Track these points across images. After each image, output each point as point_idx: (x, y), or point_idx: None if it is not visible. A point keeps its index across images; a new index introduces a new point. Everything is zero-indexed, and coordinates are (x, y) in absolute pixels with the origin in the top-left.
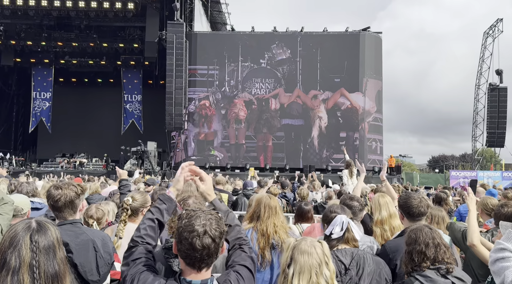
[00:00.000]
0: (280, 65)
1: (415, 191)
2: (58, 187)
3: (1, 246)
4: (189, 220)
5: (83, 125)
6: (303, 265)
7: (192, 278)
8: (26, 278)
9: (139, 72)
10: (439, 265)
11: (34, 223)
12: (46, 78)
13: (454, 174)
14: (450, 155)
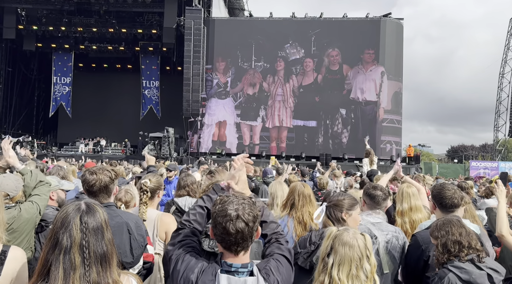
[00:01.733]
0: (294, 65)
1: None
2: (93, 172)
3: (54, 226)
4: (222, 205)
5: (102, 110)
6: (343, 257)
7: (232, 261)
8: (77, 258)
9: (157, 58)
10: (472, 253)
11: (83, 205)
12: (66, 63)
13: (475, 165)
14: (470, 145)
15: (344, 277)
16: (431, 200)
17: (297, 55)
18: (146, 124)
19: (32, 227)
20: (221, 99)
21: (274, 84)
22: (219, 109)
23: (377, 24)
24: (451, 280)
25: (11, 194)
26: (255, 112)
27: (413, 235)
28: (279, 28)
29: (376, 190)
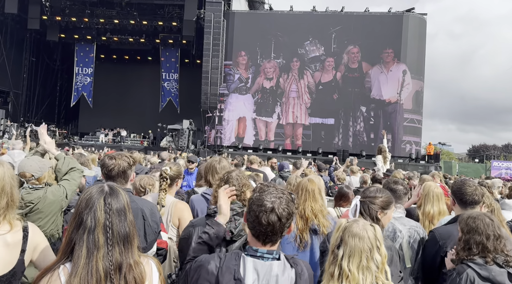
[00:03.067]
0: (313, 62)
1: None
2: (112, 157)
3: (78, 207)
4: (260, 194)
5: (123, 101)
6: (353, 248)
7: (258, 248)
8: (100, 237)
9: (177, 50)
10: (497, 255)
11: (106, 187)
12: (88, 54)
13: (496, 165)
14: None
15: (355, 268)
16: (451, 195)
17: (317, 52)
18: (165, 116)
19: (58, 209)
20: (242, 95)
21: (289, 81)
22: (239, 105)
23: (399, 19)
24: (470, 276)
25: (36, 174)
26: (271, 109)
27: (431, 231)
28: (299, 23)
29: (397, 184)
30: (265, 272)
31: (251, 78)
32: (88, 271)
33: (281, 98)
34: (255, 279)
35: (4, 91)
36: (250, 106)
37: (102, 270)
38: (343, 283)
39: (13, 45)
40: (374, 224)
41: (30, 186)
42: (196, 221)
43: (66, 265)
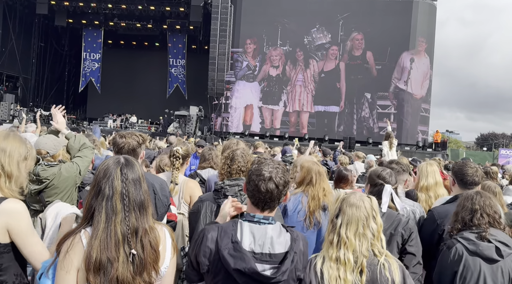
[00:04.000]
0: (319, 50)
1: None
2: (123, 136)
3: (96, 177)
4: (258, 165)
5: (130, 87)
6: (351, 217)
7: (256, 214)
8: (118, 204)
9: (184, 36)
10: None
11: (122, 159)
12: (96, 39)
13: (504, 153)
14: (501, 133)
15: (352, 235)
16: (451, 176)
17: (324, 39)
18: (172, 103)
19: (72, 185)
20: (249, 82)
21: (295, 70)
22: (246, 92)
23: (409, 5)
24: (459, 250)
25: (50, 152)
26: (277, 97)
27: (430, 210)
28: (307, 10)
29: (392, 164)
30: (260, 234)
31: (258, 66)
32: (108, 234)
33: (286, 86)
34: (251, 241)
35: (13, 76)
36: (256, 94)
37: (120, 233)
38: (341, 249)
39: (22, 30)
40: (371, 196)
41: (45, 163)
42: (204, 196)
43: (87, 229)
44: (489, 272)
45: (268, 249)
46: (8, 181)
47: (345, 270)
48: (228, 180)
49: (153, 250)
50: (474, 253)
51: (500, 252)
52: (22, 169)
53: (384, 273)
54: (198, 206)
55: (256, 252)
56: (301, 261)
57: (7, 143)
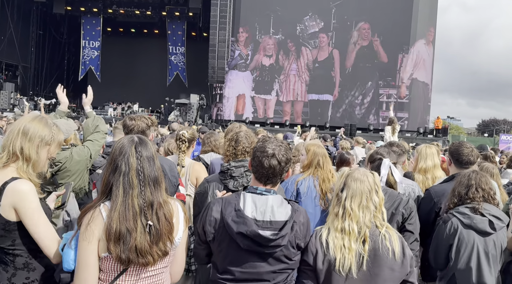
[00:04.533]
0: (312, 38)
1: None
2: (132, 118)
3: (113, 155)
4: (263, 143)
5: (130, 75)
6: (355, 190)
7: (259, 186)
8: (134, 179)
9: (183, 23)
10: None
11: (136, 138)
12: (95, 27)
13: (504, 138)
14: (502, 119)
15: (356, 207)
16: (448, 156)
17: (316, 28)
18: (172, 90)
19: (83, 168)
20: (241, 72)
21: (288, 60)
22: (239, 82)
23: None
24: (454, 224)
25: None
26: (269, 86)
27: (427, 189)
28: (294, 13)
29: (393, 146)
30: (262, 203)
31: (250, 55)
32: (126, 207)
33: (279, 75)
34: (253, 209)
35: (12, 65)
36: (249, 84)
37: (137, 206)
38: (346, 220)
39: (20, 18)
40: (373, 171)
41: None
42: (210, 178)
43: (106, 203)
44: (482, 244)
45: (269, 216)
46: (26, 164)
47: (350, 239)
48: (234, 161)
49: (167, 222)
50: (469, 226)
51: (493, 225)
52: (42, 154)
53: (385, 243)
54: (205, 187)
55: (257, 219)
56: (301, 231)
57: (30, 126)
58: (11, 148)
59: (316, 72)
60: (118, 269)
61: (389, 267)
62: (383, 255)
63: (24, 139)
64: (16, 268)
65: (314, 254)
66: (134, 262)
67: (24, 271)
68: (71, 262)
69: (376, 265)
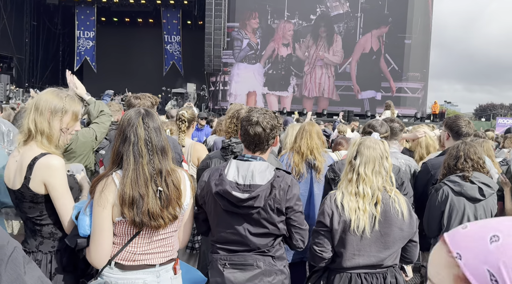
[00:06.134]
0: (336, 22)
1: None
2: (137, 97)
3: (121, 126)
4: (248, 113)
5: (126, 65)
6: (368, 157)
7: (247, 154)
8: (143, 149)
9: (178, 11)
10: (459, 173)
11: (142, 110)
12: (89, 17)
13: (501, 122)
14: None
15: (370, 172)
16: (445, 129)
17: (340, 9)
18: (169, 80)
19: (89, 149)
20: (251, 64)
21: (315, 47)
22: (248, 76)
23: None
24: (445, 191)
25: None
26: (285, 81)
27: (424, 162)
28: None
29: (394, 122)
30: (244, 168)
31: (260, 43)
32: (137, 174)
33: (299, 68)
34: (236, 174)
35: (7, 56)
36: (260, 78)
37: (147, 173)
38: (360, 185)
39: (13, 9)
40: (383, 139)
41: None
42: (212, 154)
43: (118, 171)
44: (472, 210)
45: (249, 180)
46: (41, 137)
47: (364, 202)
48: (235, 138)
49: (175, 188)
50: (459, 193)
51: (483, 192)
52: (54, 125)
53: (394, 206)
54: (207, 163)
55: (239, 183)
56: (281, 195)
57: (40, 99)
58: (27, 124)
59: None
60: (131, 233)
61: (399, 227)
62: (393, 216)
63: (36, 113)
64: (44, 237)
65: (330, 216)
66: (147, 225)
67: (50, 240)
68: (87, 227)
69: (387, 225)
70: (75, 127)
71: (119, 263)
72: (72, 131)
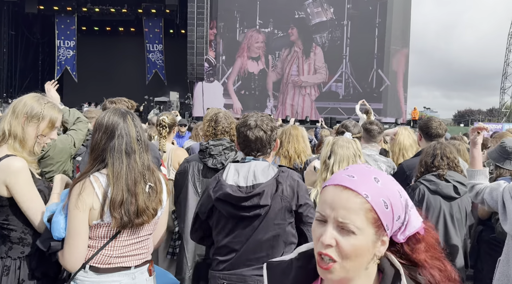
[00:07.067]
0: (318, 31)
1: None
2: (112, 102)
3: (106, 125)
4: (244, 118)
5: (108, 75)
6: (342, 155)
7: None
8: (135, 145)
9: (160, 20)
10: (435, 170)
11: (123, 109)
12: (69, 26)
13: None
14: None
15: None
16: (418, 131)
17: (324, 16)
18: (152, 89)
19: (67, 156)
20: (209, 83)
21: (288, 61)
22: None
23: None
24: (421, 190)
25: None
26: (261, 104)
27: (400, 164)
28: None
29: (373, 125)
30: (245, 169)
31: (225, 58)
32: (130, 168)
33: (275, 86)
34: (236, 177)
35: None
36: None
37: (140, 167)
38: None
39: None
40: (355, 138)
41: None
42: (190, 157)
43: (96, 174)
44: (448, 208)
45: (252, 181)
46: (14, 141)
47: None
48: (212, 140)
49: (159, 182)
50: (435, 192)
51: (458, 190)
52: (29, 130)
53: None
54: (185, 167)
55: (240, 185)
56: (290, 193)
57: (19, 102)
58: (2, 126)
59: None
60: (108, 236)
61: None
62: None
63: (12, 116)
64: (13, 242)
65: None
66: (132, 223)
67: (19, 245)
68: (62, 230)
69: None
70: (51, 135)
71: (94, 266)
72: (47, 140)
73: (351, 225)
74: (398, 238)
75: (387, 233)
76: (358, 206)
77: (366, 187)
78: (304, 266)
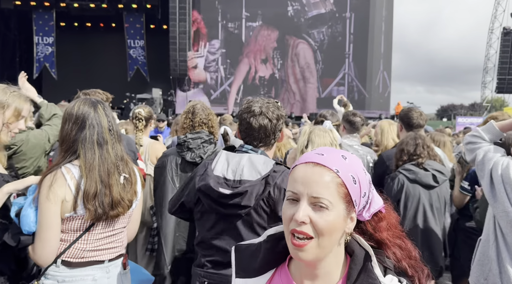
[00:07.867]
0: (316, 26)
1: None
2: (87, 94)
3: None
4: (248, 104)
5: (88, 71)
6: (319, 144)
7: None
8: (107, 135)
9: (141, 16)
10: (416, 159)
11: (93, 99)
12: (48, 22)
13: (461, 121)
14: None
15: None
16: (399, 122)
17: (322, 7)
18: (134, 86)
19: (41, 152)
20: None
21: (277, 62)
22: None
23: None
24: (401, 180)
25: None
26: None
27: (380, 155)
28: None
29: (356, 116)
30: (235, 162)
31: (203, 60)
32: (103, 161)
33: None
34: (225, 168)
35: None
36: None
37: (113, 157)
38: None
39: None
40: (331, 128)
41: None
42: (168, 151)
43: (68, 165)
44: (427, 197)
45: (239, 175)
46: None
47: None
48: (191, 133)
49: (133, 173)
50: (414, 181)
51: (436, 178)
52: None
53: None
54: (163, 161)
55: (227, 178)
56: (278, 195)
57: None
58: None
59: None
60: (81, 229)
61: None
62: None
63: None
64: None
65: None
66: (107, 215)
67: None
68: (32, 224)
69: None
70: (18, 125)
71: (66, 261)
72: (14, 129)
73: (325, 200)
74: (363, 216)
75: (355, 209)
76: (330, 179)
77: (335, 162)
78: (273, 248)
